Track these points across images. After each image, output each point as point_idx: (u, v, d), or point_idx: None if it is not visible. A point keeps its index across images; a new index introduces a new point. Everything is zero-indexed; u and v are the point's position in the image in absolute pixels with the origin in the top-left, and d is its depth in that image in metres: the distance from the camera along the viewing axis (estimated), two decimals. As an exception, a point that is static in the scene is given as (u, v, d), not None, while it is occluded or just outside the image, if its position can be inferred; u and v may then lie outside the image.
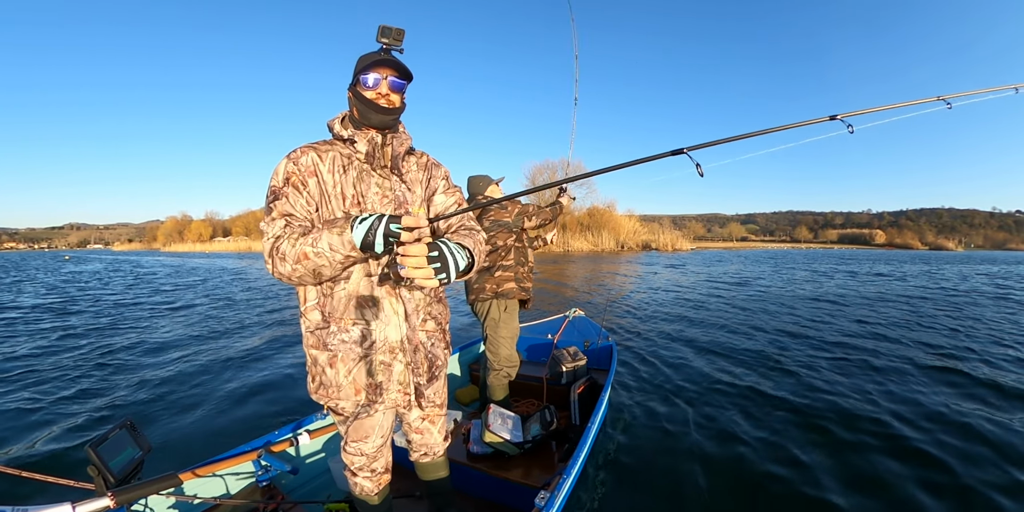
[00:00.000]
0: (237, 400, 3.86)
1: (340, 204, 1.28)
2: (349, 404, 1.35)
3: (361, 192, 1.30)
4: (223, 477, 1.79)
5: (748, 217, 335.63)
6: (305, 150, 1.29)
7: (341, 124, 1.36)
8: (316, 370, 1.34)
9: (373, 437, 1.44)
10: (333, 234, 1.11)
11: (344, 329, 1.29)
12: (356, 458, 1.48)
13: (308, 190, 1.25)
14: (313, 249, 1.12)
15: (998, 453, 2.76)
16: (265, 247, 1.19)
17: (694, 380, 4.11)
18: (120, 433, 1.30)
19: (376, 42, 1.26)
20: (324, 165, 1.28)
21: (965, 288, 13.03)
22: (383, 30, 1.24)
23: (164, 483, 1.32)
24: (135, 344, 5.89)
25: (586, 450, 1.99)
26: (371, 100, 1.29)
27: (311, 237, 1.13)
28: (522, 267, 2.70)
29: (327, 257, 1.12)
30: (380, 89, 1.29)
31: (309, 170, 1.26)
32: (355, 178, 1.30)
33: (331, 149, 1.31)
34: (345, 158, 1.31)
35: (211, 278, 17.32)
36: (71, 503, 1.12)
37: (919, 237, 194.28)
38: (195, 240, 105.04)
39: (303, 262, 1.14)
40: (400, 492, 2.08)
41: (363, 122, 1.32)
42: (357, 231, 1.08)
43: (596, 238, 43.94)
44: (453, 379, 3.42)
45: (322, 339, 1.30)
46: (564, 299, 10.14)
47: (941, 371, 4.48)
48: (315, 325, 1.31)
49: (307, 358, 1.36)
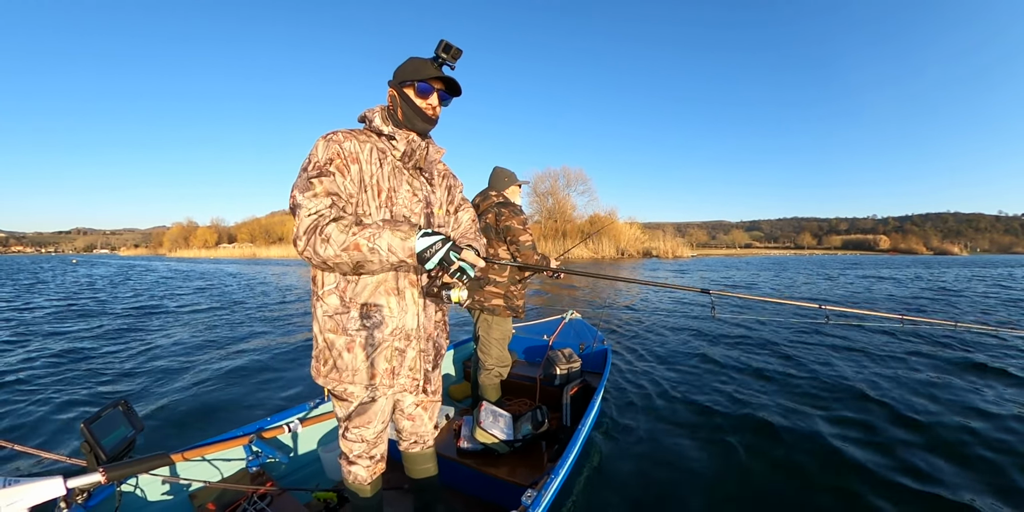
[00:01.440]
0: (231, 386, 3.96)
1: (375, 196, 1.30)
2: (359, 388, 1.36)
3: (393, 188, 1.34)
4: (214, 460, 1.83)
5: (753, 224, 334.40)
6: (347, 135, 1.29)
7: (382, 120, 1.38)
8: (331, 354, 1.34)
9: (375, 422, 1.45)
10: (396, 237, 1.13)
11: (366, 315, 1.31)
12: (356, 444, 1.47)
13: (351, 176, 1.26)
14: (369, 244, 1.12)
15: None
16: (304, 222, 1.14)
17: (688, 386, 4.10)
18: (113, 412, 1.35)
19: (434, 54, 1.31)
20: (363, 154, 1.29)
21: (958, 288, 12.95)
22: (445, 46, 1.29)
23: (155, 462, 1.35)
24: (143, 338, 5.97)
25: (575, 452, 2.00)
26: (420, 109, 1.36)
27: (369, 231, 1.13)
28: (513, 286, 2.58)
29: (381, 255, 1.14)
30: (432, 101, 1.37)
31: (352, 156, 1.27)
32: (389, 173, 1.34)
33: (368, 141, 1.33)
34: (380, 152, 1.34)
35: (230, 281, 17.43)
36: (63, 476, 1.13)
37: (924, 242, 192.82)
38: (200, 246, 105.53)
39: (351, 252, 1.13)
40: (388, 484, 2.11)
41: (406, 124, 1.38)
42: (421, 242, 1.14)
43: (597, 245, 43.86)
44: (447, 375, 3.44)
45: (341, 323, 1.31)
46: (561, 302, 10.15)
47: (919, 356, 4.49)
48: (334, 309, 1.31)
49: (318, 342, 1.36)
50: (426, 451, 1.71)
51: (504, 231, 2.46)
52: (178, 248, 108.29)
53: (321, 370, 1.37)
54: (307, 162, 1.24)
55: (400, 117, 1.37)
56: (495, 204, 2.54)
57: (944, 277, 19.15)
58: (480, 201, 2.58)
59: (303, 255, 1.16)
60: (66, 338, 6.25)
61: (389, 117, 1.39)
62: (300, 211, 1.16)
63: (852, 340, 5.61)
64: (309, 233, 1.13)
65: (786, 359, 4.98)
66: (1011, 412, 3.37)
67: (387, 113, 1.40)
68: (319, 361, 1.37)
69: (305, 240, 1.13)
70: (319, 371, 1.38)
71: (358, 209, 1.28)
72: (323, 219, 1.14)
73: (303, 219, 1.15)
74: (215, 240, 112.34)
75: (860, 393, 3.80)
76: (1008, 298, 10.93)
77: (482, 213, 2.54)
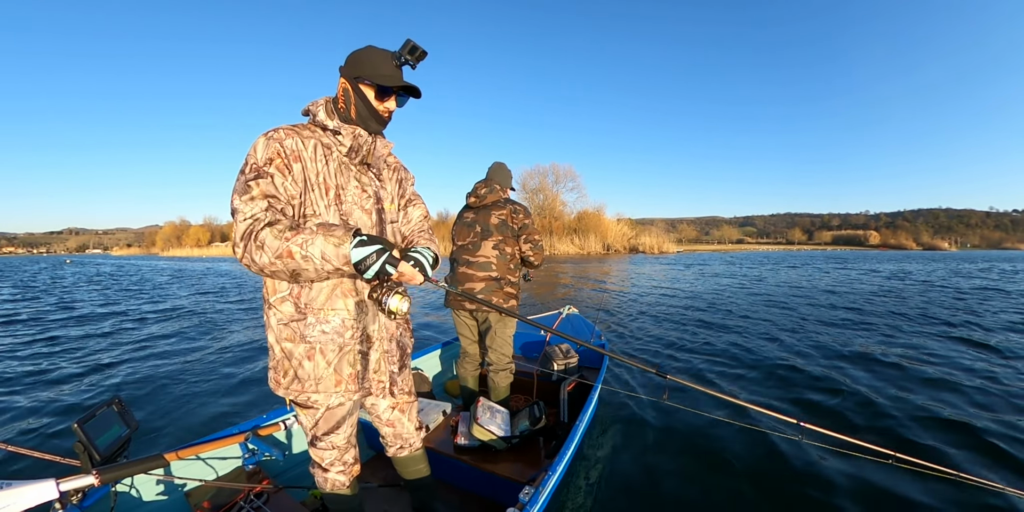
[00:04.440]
0: (227, 383, 3.93)
1: (323, 195, 1.23)
2: (323, 396, 1.30)
3: (341, 185, 1.27)
4: (210, 459, 1.81)
5: (746, 220, 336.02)
6: (289, 133, 1.21)
7: (327, 113, 1.29)
8: (290, 365, 1.26)
9: (345, 426, 1.40)
10: (329, 243, 1.07)
11: (324, 320, 1.25)
12: (327, 452, 1.41)
13: (292, 176, 1.18)
14: (302, 251, 1.06)
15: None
16: (239, 228, 1.08)
17: (686, 378, 4.12)
18: (107, 410, 1.33)
19: (398, 53, 1.25)
20: (307, 152, 1.22)
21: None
22: (411, 48, 1.23)
23: (150, 463, 1.34)
24: (137, 331, 5.92)
25: (573, 448, 1.99)
26: (377, 111, 1.30)
27: (302, 237, 1.06)
28: (519, 283, 2.59)
29: (315, 263, 1.07)
30: (389, 105, 1.32)
31: (294, 155, 1.19)
32: (335, 170, 1.27)
33: (312, 136, 1.25)
34: (326, 148, 1.26)
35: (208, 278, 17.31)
36: (55, 479, 1.12)
37: (914, 237, 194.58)
38: (193, 245, 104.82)
39: (285, 259, 1.06)
40: (385, 481, 2.09)
41: (358, 122, 1.31)
42: (356, 252, 1.08)
43: (583, 241, 43.87)
44: (442, 372, 3.44)
45: (299, 331, 1.24)
46: (559, 297, 10.16)
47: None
48: (289, 317, 1.24)
49: (275, 353, 1.28)
50: (415, 454, 1.66)
51: (522, 229, 2.50)
52: (171, 247, 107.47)
53: (281, 381, 1.29)
54: (244, 163, 1.15)
55: (352, 114, 1.30)
56: (506, 200, 2.54)
57: (913, 273, 19.41)
58: (486, 192, 2.52)
59: (242, 262, 1.10)
60: (57, 335, 6.19)
61: (335, 111, 1.31)
62: (237, 216, 1.09)
63: (866, 347, 5.63)
64: (245, 239, 1.07)
65: (791, 344, 5.03)
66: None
67: (332, 106, 1.31)
68: (278, 372, 1.29)
69: (243, 246, 1.07)
70: (279, 383, 1.29)
71: (306, 209, 1.21)
72: (258, 223, 1.07)
73: (239, 224, 1.08)
74: (208, 239, 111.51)
75: (867, 400, 3.76)
76: (957, 298, 10.30)
77: (490, 205, 2.51)
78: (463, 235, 2.54)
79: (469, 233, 2.51)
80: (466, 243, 2.51)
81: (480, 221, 2.49)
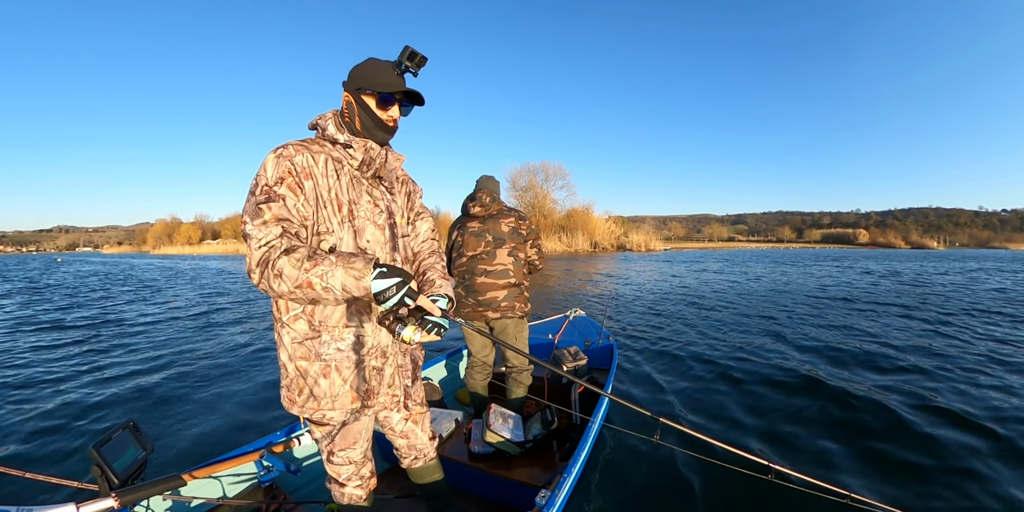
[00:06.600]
0: (240, 401, 3.84)
1: (335, 211, 1.22)
2: (339, 413, 1.29)
3: (353, 200, 1.26)
4: (226, 478, 1.78)
5: (738, 217, 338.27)
6: (299, 149, 1.19)
7: (336, 127, 1.28)
8: (305, 383, 1.25)
9: (360, 441, 1.40)
10: (350, 276, 1.05)
11: (339, 337, 1.24)
12: (344, 468, 1.41)
13: (305, 194, 1.16)
14: (322, 283, 1.05)
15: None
16: (254, 255, 1.07)
17: (696, 379, 4.13)
18: (123, 434, 1.30)
19: (398, 60, 1.22)
20: (318, 168, 1.20)
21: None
22: (410, 54, 1.20)
23: (167, 484, 1.31)
24: (141, 343, 5.84)
25: (587, 449, 1.99)
26: (381, 120, 1.28)
27: (321, 268, 1.05)
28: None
29: (335, 294, 1.07)
30: (393, 112, 1.29)
31: (305, 172, 1.16)
32: (347, 184, 1.25)
33: (322, 151, 1.23)
34: (336, 162, 1.24)
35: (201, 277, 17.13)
36: (75, 504, 1.12)
37: (903, 236, 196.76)
38: (184, 243, 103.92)
39: (305, 290, 1.06)
40: (401, 492, 2.07)
41: (364, 134, 1.29)
42: (376, 284, 1.06)
43: (571, 239, 43.95)
44: (452, 380, 3.41)
45: (314, 349, 1.23)
46: (565, 298, 10.15)
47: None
48: (303, 335, 1.22)
49: (288, 371, 1.26)
50: (429, 463, 1.66)
51: (530, 234, 2.59)
52: (162, 245, 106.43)
53: (296, 400, 1.27)
54: (255, 184, 1.13)
55: (358, 126, 1.28)
56: (510, 209, 2.61)
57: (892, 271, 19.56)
58: (490, 202, 2.56)
59: (259, 287, 1.09)
60: (61, 351, 6.04)
61: (344, 124, 1.29)
62: (251, 241, 1.08)
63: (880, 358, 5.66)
64: (262, 266, 1.06)
65: (797, 342, 5.05)
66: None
67: (341, 120, 1.30)
68: (292, 391, 1.27)
69: (259, 273, 1.06)
70: (293, 401, 1.28)
71: (319, 227, 1.19)
72: (274, 251, 1.06)
73: (253, 250, 1.07)
74: (199, 236, 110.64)
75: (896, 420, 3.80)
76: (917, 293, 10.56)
77: (496, 214, 2.56)
78: (473, 245, 2.53)
79: (480, 242, 2.51)
80: (479, 252, 2.50)
81: (490, 230, 2.51)
